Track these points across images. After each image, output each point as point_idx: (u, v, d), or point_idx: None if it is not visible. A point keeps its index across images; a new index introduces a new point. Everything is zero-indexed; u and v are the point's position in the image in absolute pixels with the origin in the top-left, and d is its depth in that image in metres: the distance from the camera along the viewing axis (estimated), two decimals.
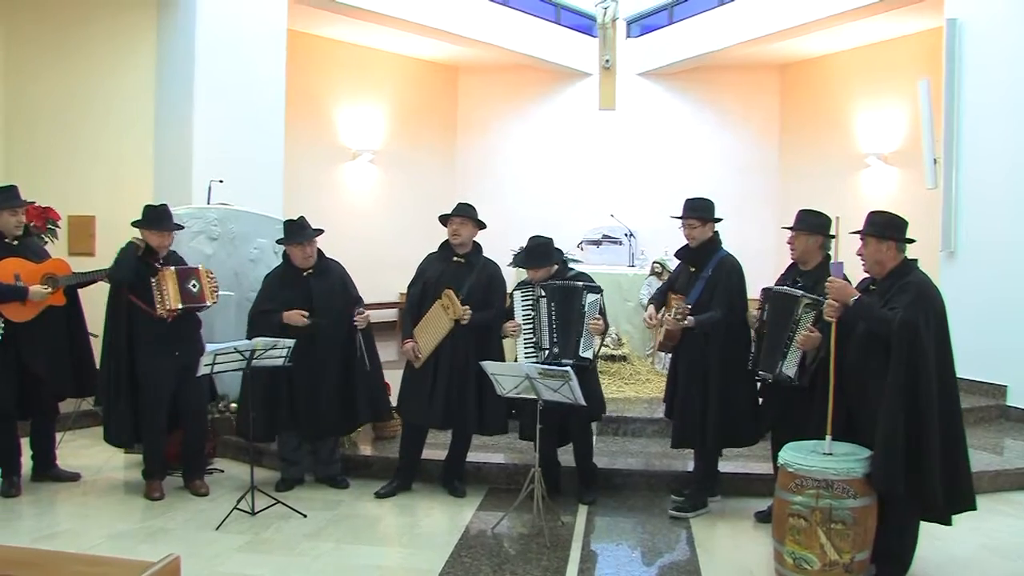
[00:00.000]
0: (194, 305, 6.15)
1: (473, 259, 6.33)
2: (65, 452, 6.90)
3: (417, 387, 6.23)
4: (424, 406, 6.18)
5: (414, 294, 6.36)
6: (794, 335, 5.22)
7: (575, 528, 5.68)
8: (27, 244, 6.37)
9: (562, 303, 5.98)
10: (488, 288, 6.28)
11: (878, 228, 4.78)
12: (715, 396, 5.70)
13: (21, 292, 6.02)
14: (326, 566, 4.99)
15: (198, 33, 8.95)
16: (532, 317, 6.05)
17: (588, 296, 5.96)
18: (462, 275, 6.23)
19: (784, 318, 5.31)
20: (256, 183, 9.05)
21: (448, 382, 6.16)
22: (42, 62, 9.17)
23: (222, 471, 6.82)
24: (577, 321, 5.94)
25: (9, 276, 6.04)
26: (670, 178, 13.44)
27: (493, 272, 6.38)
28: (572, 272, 6.25)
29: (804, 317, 5.20)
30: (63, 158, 9.04)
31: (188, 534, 5.46)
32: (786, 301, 5.35)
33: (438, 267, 6.31)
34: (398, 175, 13.91)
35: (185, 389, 6.17)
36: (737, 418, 5.73)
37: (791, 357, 5.26)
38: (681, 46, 13.64)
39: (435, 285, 6.22)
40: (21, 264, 6.15)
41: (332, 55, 13.02)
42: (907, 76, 10.97)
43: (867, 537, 4.56)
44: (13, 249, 6.20)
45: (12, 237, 6.22)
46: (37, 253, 6.42)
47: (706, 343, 5.74)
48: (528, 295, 6.09)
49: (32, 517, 5.83)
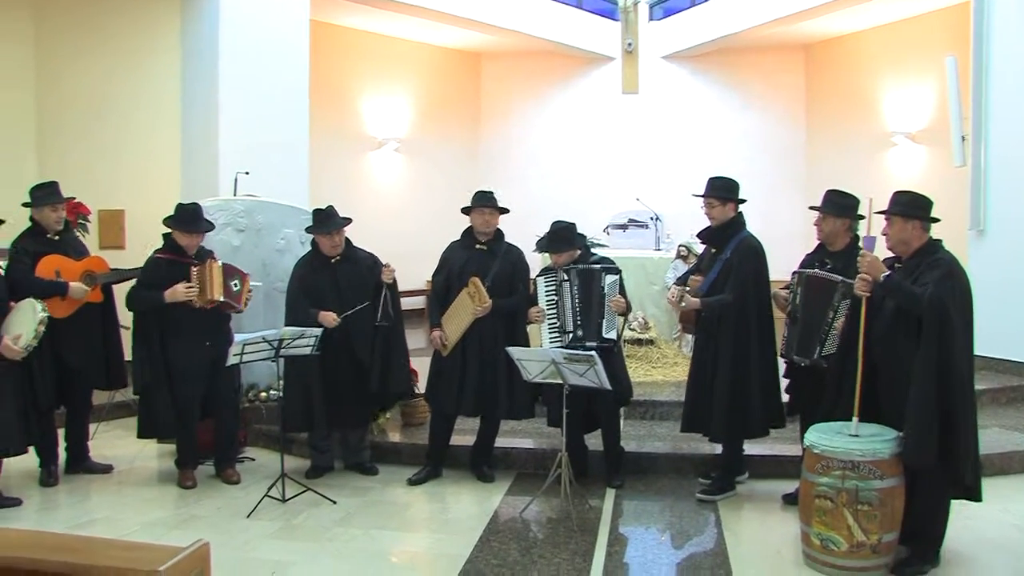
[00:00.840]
0: (230, 302, 6.23)
1: (496, 246, 6.36)
2: (99, 443, 7.02)
3: (446, 376, 6.27)
4: (455, 394, 6.22)
5: (439, 283, 6.40)
6: (833, 320, 5.17)
7: (603, 511, 5.71)
8: (68, 240, 6.48)
9: (583, 286, 6.00)
10: (512, 274, 6.31)
11: (903, 207, 4.73)
12: (724, 385, 5.66)
13: (61, 288, 6.12)
14: (356, 552, 5.05)
15: (222, 27, 9.01)
16: (555, 302, 6.08)
17: (607, 277, 5.98)
18: (487, 262, 6.26)
19: (821, 303, 5.26)
20: (282, 174, 9.11)
21: (479, 370, 6.19)
22: (71, 60, 9.28)
23: (253, 459, 6.91)
24: (598, 303, 5.97)
25: (50, 272, 6.15)
26: (695, 161, 13.37)
27: (517, 258, 6.41)
28: (595, 257, 6.27)
29: (843, 303, 5.13)
30: (93, 154, 9.15)
31: (220, 521, 5.54)
32: (823, 285, 5.29)
33: (462, 255, 6.34)
34: (423, 163, 13.95)
35: (216, 379, 6.24)
36: (747, 409, 5.67)
37: (830, 342, 5.22)
38: (704, 28, 13.57)
39: (460, 273, 6.25)
40: (62, 261, 6.25)
41: (355, 45, 13.06)
42: (934, 53, 10.85)
43: (895, 518, 4.55)
44: (54, 244, 6.31)
45: (53, 232, 6.33)
46: (77, 249, 6.52)
47: (718, 328, 5.73)
48: (551, 280, 6.12)
49: (69, 506, 5.94)
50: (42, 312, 5.66)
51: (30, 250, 6.20)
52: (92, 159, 9.10)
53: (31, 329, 5.60)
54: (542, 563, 4.86)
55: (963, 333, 4.54)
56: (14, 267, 6.11)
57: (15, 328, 5.59)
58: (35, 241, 6.28)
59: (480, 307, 6.09)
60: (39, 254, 6.20)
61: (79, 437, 6.62)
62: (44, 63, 9.30)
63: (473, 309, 6.12)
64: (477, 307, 6.10)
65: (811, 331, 5.33)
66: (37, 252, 6.20)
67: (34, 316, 5.63)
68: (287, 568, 4.79)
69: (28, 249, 6.20)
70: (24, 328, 5.60)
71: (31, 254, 6.18)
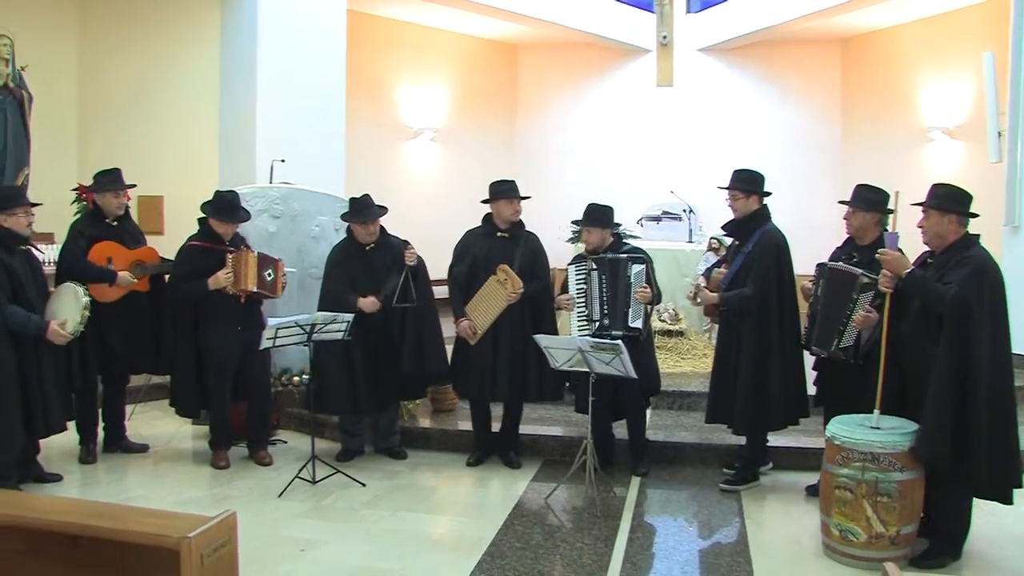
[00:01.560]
0: (264, 292, 6.36)
1: (517, 233, 6.44)
2: (137, 423, 7.20)
3: (477, 364, 6.36)
4: (487, 382, 6.32)
5: (461, 272, 6.46)
6: (852, 313, 5.17)
7: (627, 499, 5.79)
8: (126, 227, 6.63)
9: (610, 276, 6.07)
10: (534, 261, 6.40)
11: (940, 201, 4.72)
12: (746, 378, 5.71)
13: (110, 276, 6.27)
14: (383, 532, 5.17)
15: (260, 17, 9.13)
16: (584, 290, 6.15)
17: (633, 267, 6.04)
18: (510, 250, 6.34)
19: (842, 295, 5.26)
20: (318, 162, 9.22)
21: (510, 357, 6.28)
22: (113, 51, 9.47)
23: (285, 442, 7.05)
24: (624, 292, 6.02)
25: (102, 259, 6.31)
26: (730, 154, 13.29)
27: (536, 246, 6.51)
28: (627, 247, 6.33)
29: (863, 296, 5.12)
30: (133, 142, 9.31)
31: (252, 501, 5.69)
32: (844, 278, 5.29)
33: (483, 244, 6.43)
34: (459, 153, 14.02)
35: (249, 363, 6.38)
36: (768, 402, 5.70)
37: (847, 335, 5.23)
38: (740, 21, 13.50)
39: (484, 261, 6.33)
40: (115, 248, 6.40)
41: (392, 35, 13.14)
42: (972, 48, 10.74)
43: (914, 510, 4.59)
44: (112, 230, 6.47)
45: (113, 218, 6.50)
46: (134, 236, 6.67)
47: (741, 320, 5.77)
48: (581, 269, 6.19)
49: (107, 484, 6.11)
50: (84, 296, 5.78)
51: (86, 233, 6.37)
52: (132, 147, 9.25)
53: (76, 315, 5.73)
54: (564, 547, 4.95)
55: (994, 331, 4.51)
56: (68, 248, 6.30)
57: (60, 314, 5.72)
58: (93, 225, 6.45)
59: (514, 292, 6.17)
60: (95, 238, 6.36)
61: (116, 416, 6.79)
62: (86, 54, 9.50)
63: (507, 296, 6.20)
64: (511, 293, 6.18)
65: (830, 323, 5.34)
66: (93, 236, 6.37)
67: (77, 302, 5.75)
68: (316, 546, 4.93)
69: (85, 233, 6.37)
70: (69, 314, 5.73)
71: (87, 238, 6.35)
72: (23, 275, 5.59)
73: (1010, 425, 4.60)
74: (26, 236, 5.72)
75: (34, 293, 5.69)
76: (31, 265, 5.78)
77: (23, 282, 5.57)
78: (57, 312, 5.75)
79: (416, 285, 6.42)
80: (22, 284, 5.56)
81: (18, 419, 5.47)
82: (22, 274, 5.59)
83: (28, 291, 5.61)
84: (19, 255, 5.67)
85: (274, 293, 6.46)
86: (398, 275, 6.39)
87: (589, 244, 6.26)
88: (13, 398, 5.44)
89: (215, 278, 6.15)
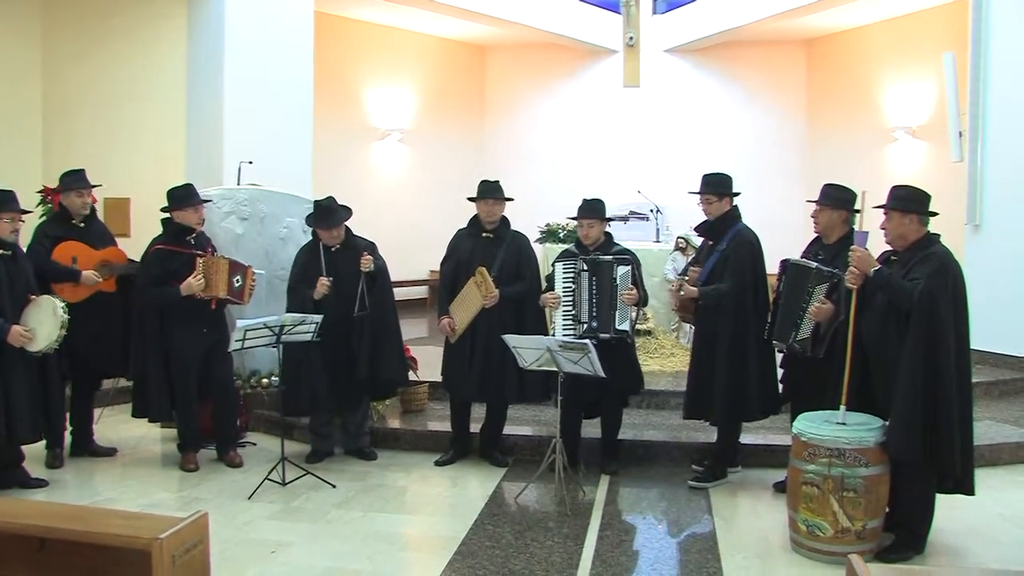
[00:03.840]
0: (231, 299, 6.35)
1: (502, 233, 6.47)
2: (104, 427, 7.14)
3: (457, 363, 6.41)
4: (464, 381, 6.36)
5: (447, 272, 6.51)
6: (807, 305, 5.29)
7: (597, 497, 5.82)
8: (93, 227, 6.59)
9: (598, 277, 6.09)
10: (518, 261, 6.42)
11: (901, 202, 4.81)
12: (723, 370, 5.78)
13: (74, 275, 6.24)
14: (354, 533, 5.16)
15: (227, 18, 9.10)
16: (572, 290, 6.17)
17: (619, 268, 6.06)
18: (493, 250, 6.37)
19: (798, 289, 5.38)
20: (285, 163, 9.21)
21: (485, 355, 6.30)
22: (78, 51, 9.40)
23: (255, 444, 7.02)
24: (610, 294, 6.05)
25: (66, 258, 6.27)
26: (697, 154, 13.44)
27: (522, 245, 6.53)
28: (616, 248, 6.34)
29: (817, 289, 5.25)
30: (99, 143, 9.26)
31: (222, 503, 5.66)
32: (800, 272, 5.42)
33: (468, 244, 6.46)
34: (427, 154, 14.03)
35: (213, 364, 6.37)
36: (745, 393, 5.78)
37: (804, 327, 5.33)
38: (706, 22, 13.62)
39: (468, 262, 6.36)
40: (80, 248, 6.37)
41: (360, 36, 13.14)
42: (934, 49, 10.90)
43: (879, 505, 4.66)
44: (78, 231, 6.43)
45: (79, 218, 6.46)
46: (102, 237, 6.63)
47: (717, 316, 5.83)
48: (570, 268, 6.20)
49: (74, 487, 6.05)
50: (64, 315, 5.69)
51: (51, 235, 6.35)
52: (99, 149, 9.20)
53: (53, 331, 5.66)
54: (535, 546, 4.97)
55: (956, 328, 4.60)
56: (32, 249, 6.25)
57: (32, 322, 5.66)
58: (59, 226, 6.44)
59: (488, 297, 6.20)
60: (59, 239, 6.33)
61: (84, 420, 6.73)
62: (51, 56, 9.43)
63: (481, 299, 6.23)
64: (485, 296, 6.21)
65: (787, 316, 5.45)
66: (58, 237, 6.34)
67: (55, 318, 5.67)
68: (286, 548, 4.91)
69: (49, 234, 6.35)
70: (44, 328, 5.66)
71: (52, 238, 6.32)
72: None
73: (970, 421, 4.71)
74: (9, 242, 5.68)
75: (8, 300, 5.62)
76: (9, 272, 5.69)
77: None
78: (32, 324, 5.67)
79: (372, 292, 6.42)
80: None
81: None
82: None
83: (1, 298, 5.56)
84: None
85: (240, 300, 6.44)
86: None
87: (589, 238, 6.26)
88: None
89: (187, 284, 6.12)
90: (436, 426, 7.01)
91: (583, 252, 6.25)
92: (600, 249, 6.24)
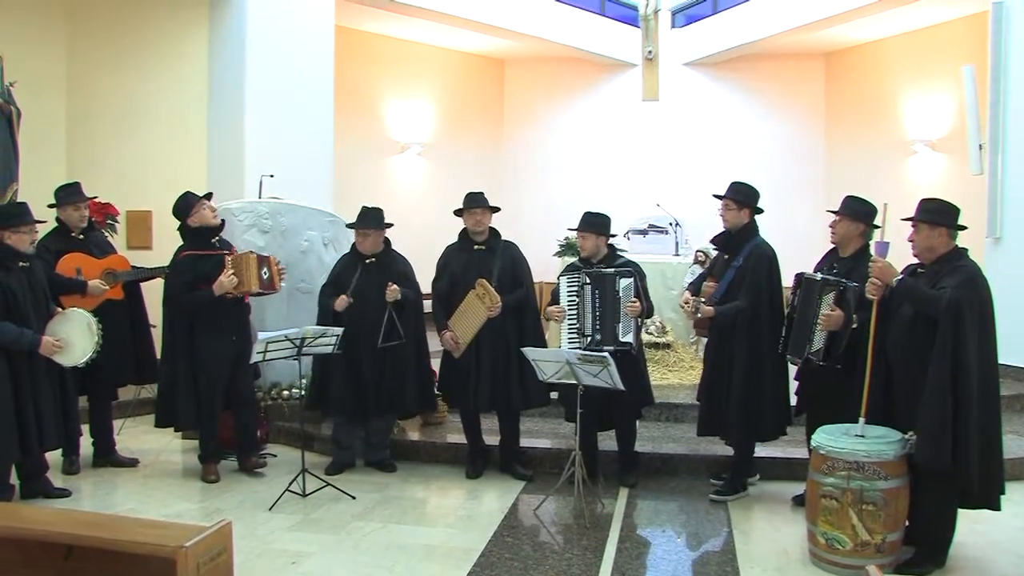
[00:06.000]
0: (265, 291, 6.41)
1: (493, 244, 6.50)
2: (125, 437, 7.22)
3: (461, 374, 6.41)
4: (469, 391, 6.37)
5: (441, 288, 6.52)
6: (817, 317, 5.28)
7: (616, 510, 5.83)
8: (91, 238, 6.68)
9: (601, 290, 6.11)
10: (514, 269, 6.46)
11: (931, 215, 4.79)
12: (738, 387, 5.78)
13: (80, 286, 6.31)
14: (373, 544, 5.19)
15: (248, 32, 9.19)
16: (576, 303, 6.19)
17: (621, 281, 6.06)
18: (487, 262, 6.41)
19: (809, 302, 5.39)
20: (306, 177, 9.28)
21: (492, 366, 6.32)
22: (101, 67, 9.49)
23: (275, 455, 7.06)
24: (613, 307, 6.06)
25: (71, 270, 6.34)
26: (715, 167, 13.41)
27: (515, 253, 6.57)
28: (621, 260, 6.37)
29: (825, 298, 5.24)
30: (122, 157, 9.35)
31: (242, 514, 5.70)
32: (810, 285, 5.43)
33: (461, 258, 6.50)
34: (446, 167, 14.06)
35: (237, 375, 6.42)
36: (761, 411, 5.78)
37: (816, 339, 5.32)
38: (725, 35, 13.62)
39: (464, 276, 6.39)
40: (83, 259, 6.44)
41: (380, 50, 13.20)
42: (954, 61, 10.85)
43: (898, 518, 4.65)
44: (78, 243, 6.51)
45: (77, 231, 6.54)
46: (101, 247, 6.71)
47: (733, 333, 5.83)
48: (573, 282, 6.21)
49: (95, 497, 6.10)
50: (98, 331, 5.85)
51: (52, 248, 6.40)
52: (121, 162, 9.30)
53: (88, 347, 5.82)
54: (554, 558, 4.99)
55: (984, 342, 4.58)
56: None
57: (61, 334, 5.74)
58: (59, 240, 6.50)
59: (492, 307, 6.22)
60: (62, 252, 6.40)
61: (104, 430, 6.79)
62: (75, 69, 9.53)
63: (486, 310, 6.25)
64: (490, 307, 6.23)
65: (801, 330, 5.45)
66: (60, 250, 6.41)
67: (91, 334, 5.83)
68: (306, 558, 4.94)
69: (51, 248, 6.40)
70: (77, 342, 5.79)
71: (53, 252, 6.38)
72: (19, 292, 5.59)
73: (998, 435, 4.68)
74: (27, 254, 5.75)
75: (31, 310, 5.68)
76: (31, 282, 5.75)
77: (19, 299, 5.57)
78: (57, 331, 5.75)
79: (402, 319, 6.44)
80: (17, 301, 5.56)
81: (11, 434, 5.47)
82: (19, 291, 5.59)
83: (24, 308, 5.61)
84: (18, 272, 5.66)
85: (274, 289, 6.50)
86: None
87: (584, 251, 6.31)
88: (6, 412, 5.44)
89: (219, 283, 6.16)
90: (455, 438, 7.03)
91: (586, 266, 6.27)
92: (604, 262, 6.25)
